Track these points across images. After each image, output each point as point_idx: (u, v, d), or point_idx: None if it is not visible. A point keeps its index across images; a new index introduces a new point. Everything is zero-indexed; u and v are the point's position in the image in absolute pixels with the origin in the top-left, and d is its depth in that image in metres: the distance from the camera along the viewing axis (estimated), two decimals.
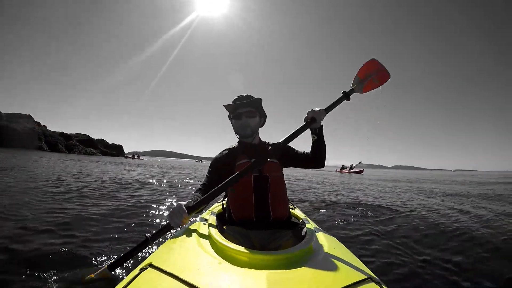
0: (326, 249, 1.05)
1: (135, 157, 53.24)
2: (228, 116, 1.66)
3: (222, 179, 1.41)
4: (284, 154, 1.58)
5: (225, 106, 1.56)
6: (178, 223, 1.18)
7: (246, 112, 1.52)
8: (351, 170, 33.44)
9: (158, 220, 3.34)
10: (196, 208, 1.29)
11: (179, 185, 7.78)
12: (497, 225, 3.75)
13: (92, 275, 1.68)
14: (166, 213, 3.72)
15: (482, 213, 4.75)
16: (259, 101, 1.55)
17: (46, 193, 4.61)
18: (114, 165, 17.72)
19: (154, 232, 1.34)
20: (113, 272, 1.70)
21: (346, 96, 1.63)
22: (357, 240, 2.93)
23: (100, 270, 1.74)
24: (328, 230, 3.13)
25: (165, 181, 8.61)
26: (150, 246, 1.74)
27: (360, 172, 31.80)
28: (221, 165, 1.54)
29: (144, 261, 0.92)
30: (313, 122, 1.42)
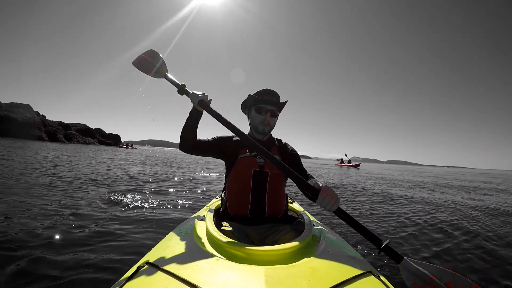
0: (324, 242, 1.04)
1: (129, 147, 53.96)
2: (243, 103, 1.55)
3: (218, 155, 1.47)
4: (288, 157, 1.49)
5: (251, 95, 1.45)
6: (193, 99, 1.32)
7: (271, 110, 1.44)
8: (349, 164, 34.88)
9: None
10: (206, 105, 1.31)
11: None
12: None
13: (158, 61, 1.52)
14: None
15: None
16: (284, 104, 1.50)
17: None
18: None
19: (186, 89, 1.41)
20: (161, 78, 1.53)
21: (380, 248, 1.06)
22: (356, 233, 2.79)
23: (164, 70, 1.54)
24: (326, 223, 3.29)
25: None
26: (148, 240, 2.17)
27: (357, 166, 32.99)
28: (225, 145, 1.46)
29: (142, 259, 0.93)
30: (315, 196, 1.10)
